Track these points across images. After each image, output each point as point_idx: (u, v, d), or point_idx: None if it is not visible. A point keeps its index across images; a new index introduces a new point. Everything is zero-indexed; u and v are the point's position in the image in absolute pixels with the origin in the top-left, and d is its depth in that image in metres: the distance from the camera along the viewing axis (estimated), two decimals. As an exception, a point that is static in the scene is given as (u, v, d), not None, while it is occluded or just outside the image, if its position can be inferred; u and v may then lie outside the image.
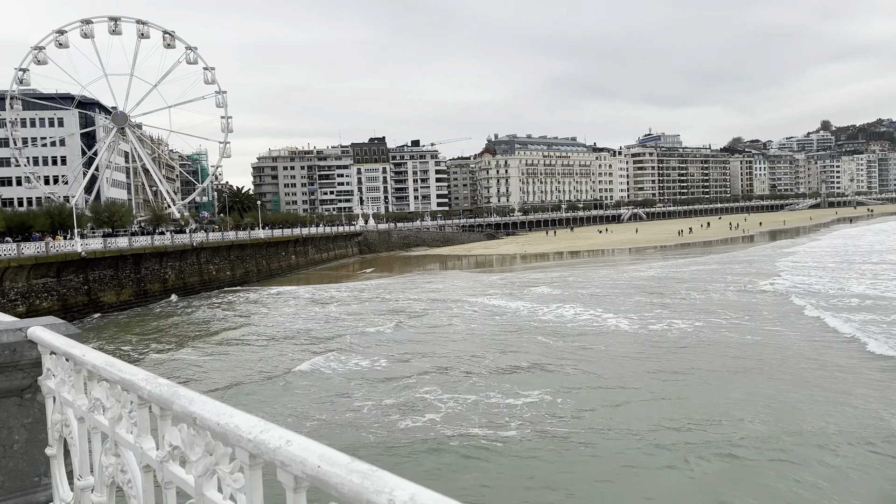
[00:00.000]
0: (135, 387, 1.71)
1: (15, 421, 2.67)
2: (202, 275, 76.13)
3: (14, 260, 48.87)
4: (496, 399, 18.35)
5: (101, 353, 2.00)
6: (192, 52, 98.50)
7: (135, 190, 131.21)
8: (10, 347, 2.70)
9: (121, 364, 1.85)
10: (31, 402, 2.71)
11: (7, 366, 2.69)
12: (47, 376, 2.60)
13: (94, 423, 2.08)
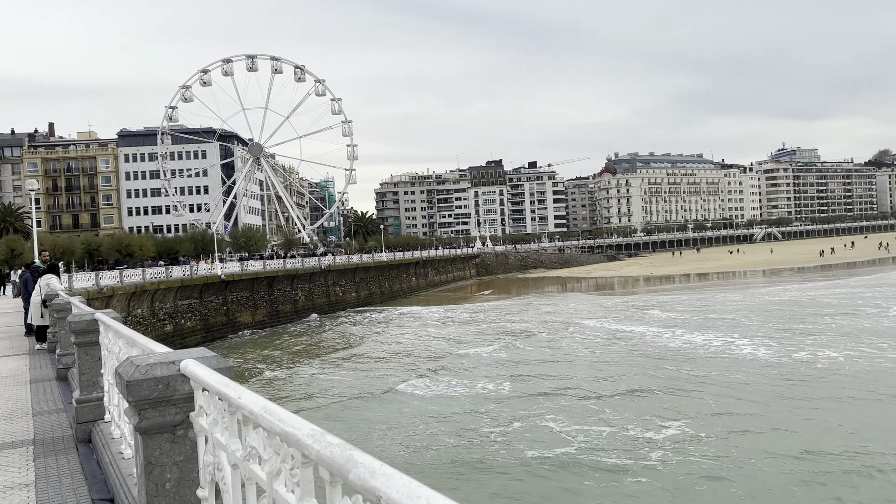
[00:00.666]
0: (298, 443, 1.48)
1: (167, 458, 2.57)
2: (329, 296, 78.96)
3: (163, 282, 52.72)
4: (634, 431, 17.36)
5: (259, 397, 1.80)
6: (321, 85, 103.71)
7: (268, 216, 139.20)
8: (163, 381, 2.61)
9: (281, 412, 1.64)
10: (183, 438, 2.60)
11: (160, 401, 2.60)
12: (199, 413, 2.48)
13: (249, 473, 1.89)
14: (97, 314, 5.84)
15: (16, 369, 10.58)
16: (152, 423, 2.61)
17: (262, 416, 1.72)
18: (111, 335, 5.19)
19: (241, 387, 1.97)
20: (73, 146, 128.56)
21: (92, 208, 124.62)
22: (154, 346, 3.43)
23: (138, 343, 3.94)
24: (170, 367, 2.66)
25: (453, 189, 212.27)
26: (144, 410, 2.60)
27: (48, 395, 8.14)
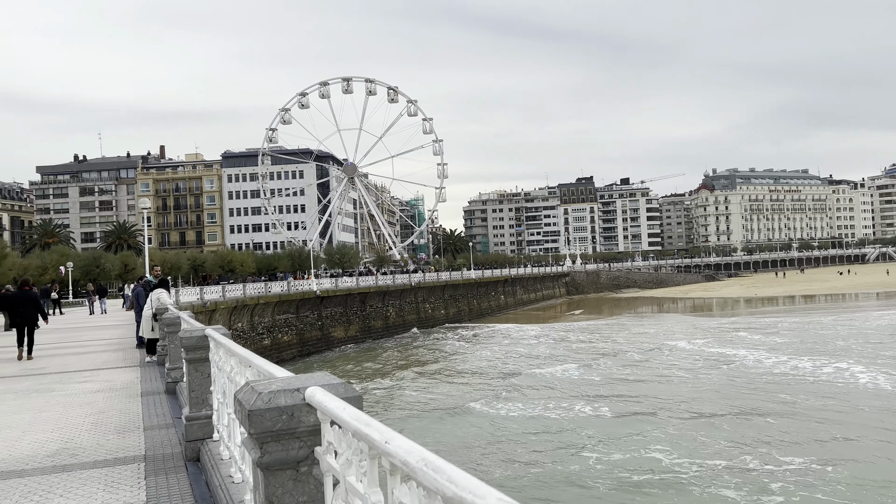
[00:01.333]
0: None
1: (290, 498, 2.29)
2: (419, 313, 79.45)
3: (262, 297, 54.53)
4: (753, 464, 16.11)
5: (415, 445, 1.46)
6: (413, 105, 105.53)
7: (361, 233, 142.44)
8: (287, 412, 2.34)
9: (453, 470, 1.29)
10: (307, 476, 2.31)
11: (283, 433, 2.32)
12: (327, 450, 2.18)
13: (396, 536, 1.55)
14: (208, 330, 5.78)
15: (128, 381, 10.90)
16: (274, 458, 2.34)
17: (423, 472, 1.37)
18: (222, 353, 5.07)
19: (388, 428, 1.64)
20: (181, 167, 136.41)
21: (197, 226, 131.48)
22: (271, 368, 3.20)
23: (253, 363, 3.74)
24: (294, 396, 2.39)
25: (542, 206, 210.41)
26: (266, 444, 2.33)
27: (158, 409, 8.25)
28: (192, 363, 5.95)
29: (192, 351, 5.92)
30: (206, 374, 5.95)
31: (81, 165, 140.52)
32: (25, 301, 15.66)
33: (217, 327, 5.88)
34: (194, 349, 5.91)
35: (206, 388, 5.94)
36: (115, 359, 14.60)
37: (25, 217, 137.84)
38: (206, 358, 5.91)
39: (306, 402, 2.36)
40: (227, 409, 5.12)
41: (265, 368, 3.31)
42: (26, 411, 8.44)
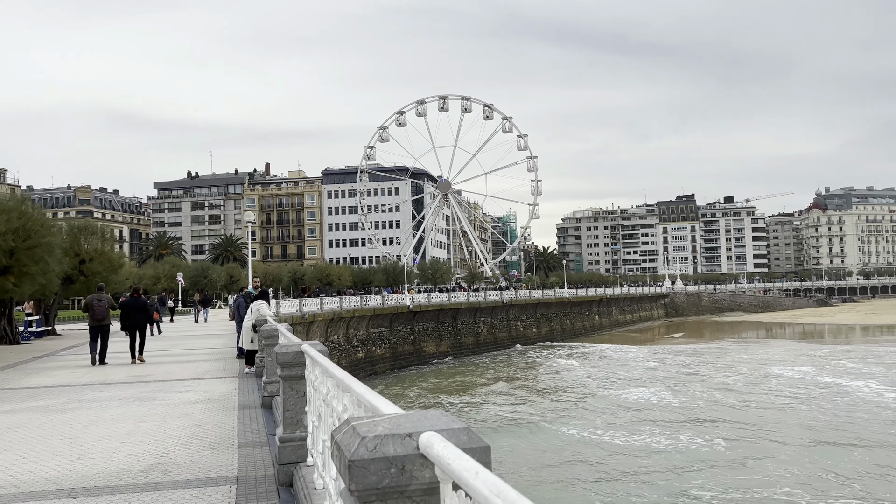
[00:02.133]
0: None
1: (398, 576, 1.76)
2: (510, 330, 78.47)
3: (358, 311, 55.34)
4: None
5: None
6: (508, 122, 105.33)
7: (453, 249, 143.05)
8: (396, 464, 1.84)
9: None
10: (420, 548, 1.78)
11: (391, 491, 1.82)
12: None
13: None
14: (304, 346, 5.43)
15: (226, 393, 10.87)
16: (379, 521, 1.84)
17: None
18: (318, 372, 4.69)
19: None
20: (285, 184, 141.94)
21: (298, 240, 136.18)
22: (374, 400, 2.72)
23: (352, 390, 3.29)
24: (405, 443, 1.88)
25: (639, 224, 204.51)
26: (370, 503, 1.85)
27: (253, 424, 8.05)
28: (288, 380, 5.62)
29: (287, 367, 5.59)
30: (300, 392, 5.60)
31: (193, 181, 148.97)
32: (136, 307, 16.68)
33: (314, 343, 5.53)
34: (290, 365, 5.58)
35: (300, 408, 5.59)
36: (216, 369, 14.79)
37: (143, 229, 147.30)
38: (301, 376, 5.57)
39: (421, 452, 1.85)
40: (322, 434, 4.73)
41: (367, 399, 2.83)
42: (127, 420, 8.46)
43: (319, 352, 5.22)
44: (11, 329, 24.93)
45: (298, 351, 5.57)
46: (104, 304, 16.87)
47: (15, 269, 19.86)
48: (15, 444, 7.16)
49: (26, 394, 11.26)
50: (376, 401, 2.65)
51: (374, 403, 2.63)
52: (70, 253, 30.22)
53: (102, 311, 16.63)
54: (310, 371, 5.20)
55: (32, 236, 20.49)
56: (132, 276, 65.34)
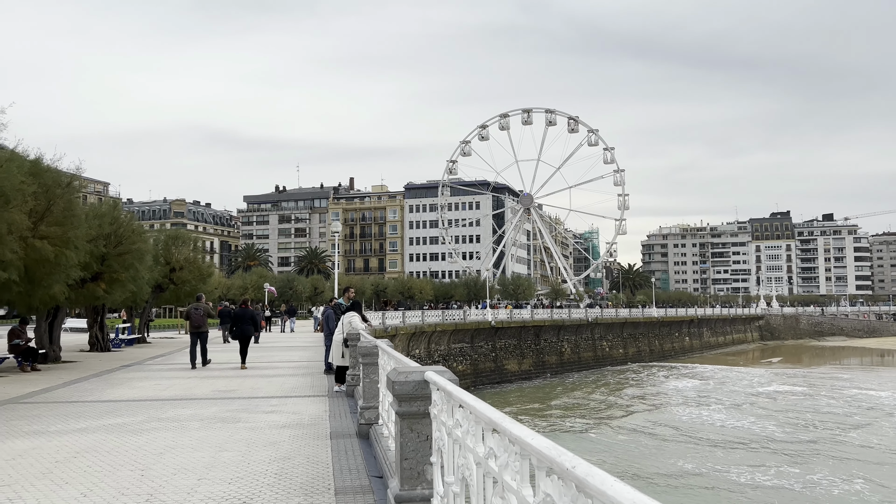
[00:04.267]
0: None
1: None
2: (595, 350, 75.66)
3: (439, 325, 54.36)
4: None
5: None
6: (594, 135, 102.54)
7: (534, 265, 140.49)
8: None
9: None
10: None
11: None
12: None
13: None
14: (430, 374, 4.07)
15: (316, 416, 9.68)
16: None
17: None
18: (459, 416, 3.30)
19: None
20: (368, 198, 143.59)
21: (380, 253, 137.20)
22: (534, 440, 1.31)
23: (507, 432, 1.89)
24: None
25: (730, 242, 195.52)
26: None
27: (351, 461, 6.74)
28: (407, 419, 4.25)
29: (406, 401, 4.22)
30: (424, 435, 4.21)
31: (281, 195, 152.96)
32: (245, 317, 17.91)
33: (441, 369, 4.14)
34: (410, 399, 4.21)
35: (424, 457, 4.20)
36: (303, 385, 13.74)
37: (232, 241, 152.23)
38: (424, 413, 4.19)
39: None
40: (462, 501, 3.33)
41: (534, 445, 1.42)
42: (207, 448, 7.33)
43: (449, 380, 3.83)
44: (103, 336, 25.02)
45: (422, 380, 4.20)
46: (201, 312, 18.25)
47: (106, 276, 19.68)
48: (80, 474, 6.12)
49: (105, 408, 10.45)
50: (535, 439, 1.22)
51: (553, 458, 1.21)
52: (161, 261, 30.42)
53: (199, 319, 18.02)
54: (440, 408, 3.81)
55: (123, 242, 20.32)
56: (221, 286, 66.76)
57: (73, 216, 15.51)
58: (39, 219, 14.19)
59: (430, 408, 4.12)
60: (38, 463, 6.54)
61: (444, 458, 3.67)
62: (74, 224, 15.40)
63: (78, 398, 11.79)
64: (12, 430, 8.42)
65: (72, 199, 15.82)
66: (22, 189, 10.84)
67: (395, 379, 4.27)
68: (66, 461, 6.65)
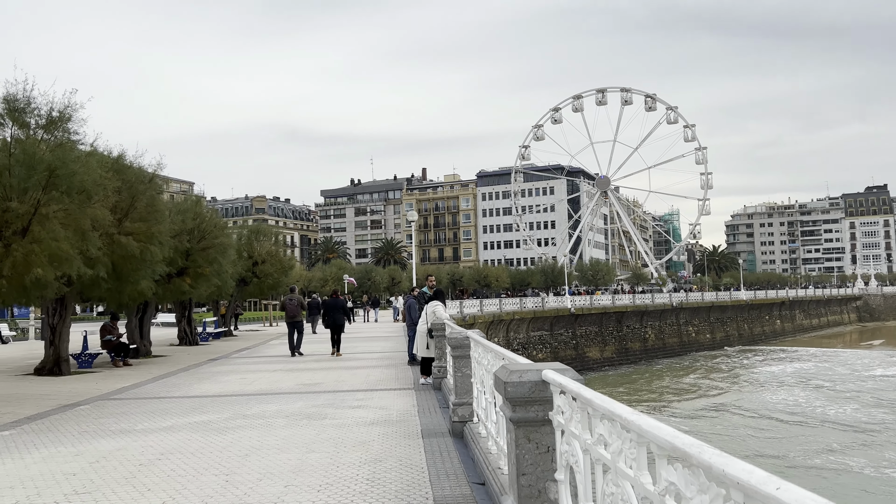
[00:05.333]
0: None
1: None
2: (681, 336, 73.13)
3: (517, 313, 53.58)
4: None
5: None
6: (673, 112, 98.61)
7: (612, 250, 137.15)
8: None
9: None
10: None
11: None
12: None
13: None
14: (548, 373, 3.38)
15: (405, 411, 9.16)
16: None
17: None
18: (603, 431, 2.60)
19: None
20: (440, 187, 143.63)
21: (454, 242, 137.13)
22: None
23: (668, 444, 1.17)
24: None
25: (821, 220, 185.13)
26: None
27: (447, 464, 6.13)
28: (523, 427, 3.56)
29: (521, 406, 3.54)
30: (544, 446, 3.52)
31: (356, 188, 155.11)
32: (336, 307, 18.62)
33: (561, 367, 3.44)
34: (526, 403, 3.52)
35: (545, 472, 3.52)
36: (388, 377, 13.31)
37: (311, 235, 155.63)
38: (544, 420, 3.50)
39: None
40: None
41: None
42: (293, 449, 6.89)
43: (574, 380, 3.13)
44: (191, 330, 25.54)
45: (539, 381, 3.50)
46: (294, 303, 19.33)
47: (190, 271, 19.94)
48: (163, 479, 5.76)
49: (191, 405, 10.27)
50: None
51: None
52: (244, 255, 30.91)
53: (294, 310, 19.12)
54: (568, 416, 3.11)
55: (206, 237, 20.55)
56: (302, 278, 68.07)
57: (157, 212, 15.62)
58: (124, 215, 14.31)
59: (552, 414, 3.43)
60: (121, 466, 6.26)
61: (579, 478, 2.97)
62: (158, 220, 15.50)
63: (165, 394, 11.74)
64: (100, 429, 8.28)
65: (154, 195, 15.96)
66: (103, 184, 10.80)
67: (507, 379, 3.58)
68: (150, 464, 6.34)
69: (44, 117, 10.19)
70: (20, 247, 9.37)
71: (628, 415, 2.25)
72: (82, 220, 10.30)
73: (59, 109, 10.34)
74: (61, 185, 9.62)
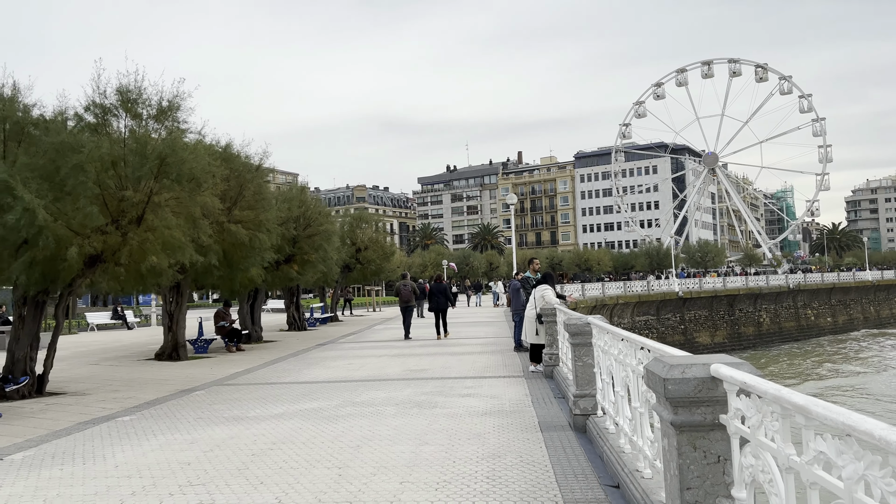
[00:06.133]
0: None
1: None
2: (799, 319, 68.77)
3: (622, 297, 51.93)
4: None
5: None
6: (786, 82, 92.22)
7: (720, 230, 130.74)
8: None
9: None
10: None
11: None
12: None
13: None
14: (718, 367, 2.77)
15: (517, 400, 8.67)
16: None
17: None
18: (813, 441, 1.99)
19: None
20: (537, 170, 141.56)
21: (552, 226, 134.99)
22: None
23: None
24: None
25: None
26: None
27: (573, 463, 5.58)
28: (687, 432, 2.96)
29: (685, 408, 2.94)
30: (714, 456, 2.92)
31: (452, 175, 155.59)
32: (440, 292, 19.14)
33: (734, 360, 2.83)
34: (691, 404, 2.93)
35: (715, 486, 2.90)
36: (495, 364, 12.86)
37: (409, 222, 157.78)
38: (713, 424, 2.89)
39: None
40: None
41: None
42: (406, 440, 6.55)
43: (754, 374, 2.50)
44: (299, 316, 26.13)
45: (707, 377, 2.89)
46: (408, 288, 20.25)
47: (297, 257, 20.26)
48: (275, 472, 5.54)
49: (301, 391, 10.22)
50: None
51: None
52: (347, 242, 31.36)
53: (408, 294, 20.08)
54: (755, 421, 2.50)
55: (311, 224, 20.82)
56: (402, 264, 68.91)
57: (264, 200, 15.85)
58: (233, 203, 14.56)
59: (726, 418, 2.81)
60: (234, 456, 6.12)
61: (775, 501, 2.35)
62: (265, 208, 15.72)
63: (276, 379, 11.82)
64: (214, 416, 8.29)
65: (262, 184, 16.19)
66: (212, 171, 10.93)
67: (666, 375, 2.99)
68: (263, 454, 6.17)
69: (154, 107, 10.37)
70: (135, 235, 9.58)
71: (881, 431, 1.63)
72: (193, 208, 10.45)
73: (169, 99, 10.51)
74: (171, 173, 9.76)
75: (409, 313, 20.11)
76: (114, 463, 5.99)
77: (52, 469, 5.85)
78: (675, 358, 3.17)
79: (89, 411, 8.99)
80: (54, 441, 7.05)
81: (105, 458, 6.21)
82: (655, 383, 3.13)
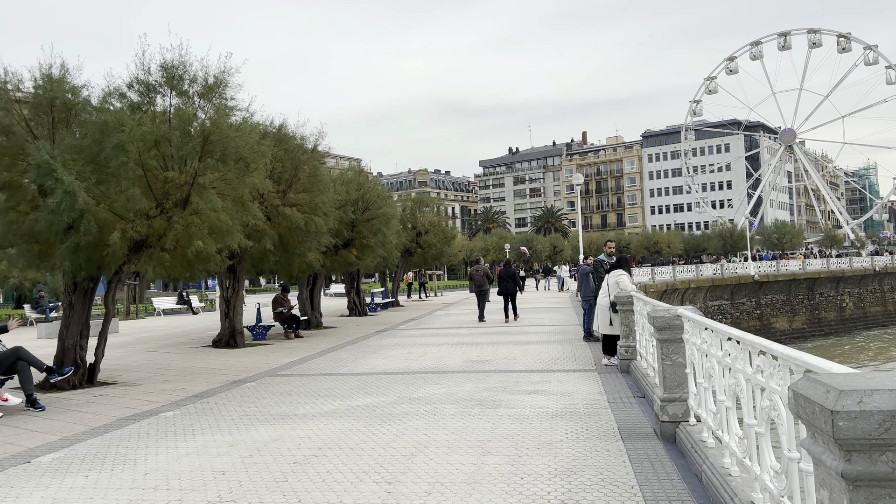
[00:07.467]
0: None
1: None
2: (885, 304, 64.86)
3: (693, 281, 49.90)
4: None
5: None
6: (872, 52, 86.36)
7: (797, 210, 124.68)
8: None
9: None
10: None
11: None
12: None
13: None
14: None
15: (591, 400, 7.76)
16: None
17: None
18: None
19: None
20: (602, 151, 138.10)
21: (618, 208, 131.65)
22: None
23: None
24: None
25: None
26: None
27: (665, 485, 4.66)
28: (866, 488, 2.06)
29: (862, 454, 2.03)
30: None
31: (514, 157, 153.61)
32: (508, 276, 19.51)
33: None
34: (870, 448, 2.02)
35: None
36: (563, 356, 11.94)
37: (471, 206, 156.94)
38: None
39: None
40: None
41: None
42: (466, 447, 5.77)
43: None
44: (360, 301, 25.75)
45: None
46: (480, 273, 20.88)
47: (356, 242, 19.75)
48: (317, 486, 4.85)
49: (356, 384, 9.59)
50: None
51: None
52: (407, 226, 30.82)
53: (480, 279, 20.66)
54: None
55: (370, 208, 20.26)
56: (464, 248, 68.20)
57: (320, 182, 15.29)
58: (287, 186, 14.06)
59: None
60: (274, 464, 5.47)
61: None
62: (321, 190, 15.17)
63: (331, 370, 11.25)
64: (260, 412, 7.72)
65: (317, 165, 15.64)
66: (261, 151, 10.36)
67: (834, 406, 2.06)
68: (306, 462, 5.50)
69: (200, 84, 9.85)
70: (181, 219, 9.11)
71: None
72: (241, 190, 9.93)
73: (215, 74, 9.97)
74: (216, 153, 9.22)
75: (484, 297, 20.61)
76: (143, 470, 5.44)
77: (77, 476, 5.34)
78: (841, 379, 2.24)
79: (134, 405, 8.59)
80: (88, 441, 6.60)
81: (136, 462, 5.67)
82: (814, 415, 2.20)
